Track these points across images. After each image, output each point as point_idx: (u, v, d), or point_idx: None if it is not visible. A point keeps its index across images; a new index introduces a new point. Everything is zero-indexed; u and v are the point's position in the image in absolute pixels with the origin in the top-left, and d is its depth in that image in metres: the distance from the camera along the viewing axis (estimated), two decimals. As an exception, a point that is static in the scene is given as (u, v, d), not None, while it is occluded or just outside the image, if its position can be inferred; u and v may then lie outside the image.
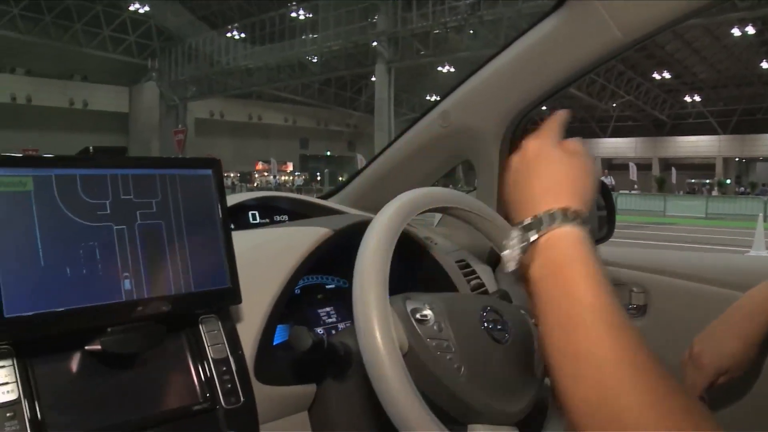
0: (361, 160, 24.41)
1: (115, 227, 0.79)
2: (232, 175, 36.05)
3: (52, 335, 0.75)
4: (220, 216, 0.89)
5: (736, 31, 29.10)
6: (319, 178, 39.85)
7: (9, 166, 0.73)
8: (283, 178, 38.79)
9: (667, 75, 36.61)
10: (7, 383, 0.73)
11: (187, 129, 24.46)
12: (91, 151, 0.81)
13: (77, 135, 29.09)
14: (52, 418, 0.75)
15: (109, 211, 0.79)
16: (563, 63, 1.35)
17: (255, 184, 35.65)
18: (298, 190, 28.29)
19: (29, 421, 0.72)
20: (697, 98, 39.39)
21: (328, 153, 44.66)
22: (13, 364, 0.74)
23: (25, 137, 28.06)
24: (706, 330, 1.14)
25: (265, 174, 37.90)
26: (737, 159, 40.69)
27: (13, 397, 0.72)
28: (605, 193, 1.89)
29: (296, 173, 41.81)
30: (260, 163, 39.11)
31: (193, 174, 0.88)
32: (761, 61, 32.98)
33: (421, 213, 0.94)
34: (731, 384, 1.12)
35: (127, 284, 0.79)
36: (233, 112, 37.54)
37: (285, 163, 40.86)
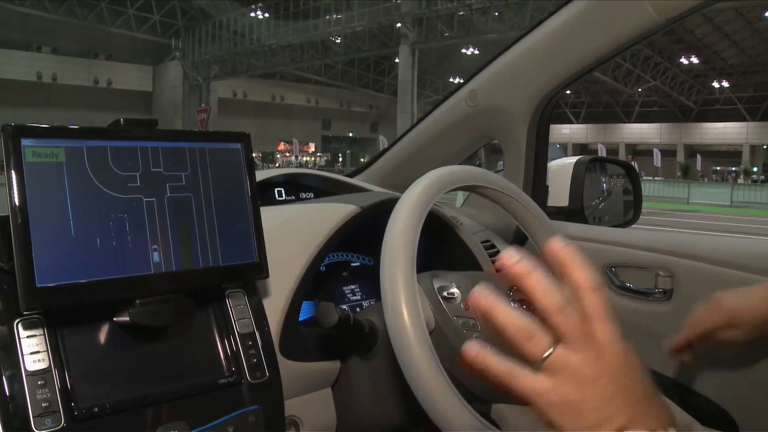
0: (383, 141, 24.36)
1: (145, 199, 0.79)
2: (254, 154, 36.02)
3: (81, 306, 0.75)
4: (249, 190, 0.89)
5: (768, 15, 28.54)
6: (341, 160, 39.88)
7: (42, 136, 0.73)
8: (305, 158, 38.85)
9: (695, 60, 36.01)
10: (38, 352, 0.73)
11: (210, 108, 24.50)
12: (122, 123, 0.81)
13: (101, 113, 29.26)
14: (81, 388, 0.75)
15: (139, 183, 0.79)
16: (594, 43, 1.33)
17: (277, 165, 35.73)
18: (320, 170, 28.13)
19: (60, 390, 0.73)
20: (726, 84, 38.70)
21: (351, 134, 44.66)
22: (44, 334, 0.74)
23: (50, 115, 28.38)
24: (735, 292, 1.14)
25: (287, 154, 38.00)
26: (766, 147, 40.00)
27: (44, 365, 0.73)
28: (633, 178, 1.88)
29: (318, 154, 41.85)
30: (282, 143, 39.21)
31: (223, 148, 0.88)
32: (794, 47, 32.34)
33: (450, 191, 0.93)
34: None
35: (155, 257, 0.79)
36: (256, 92, 37.61)
37: (307, 144, 40.91)
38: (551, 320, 0.55)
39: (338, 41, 30.43)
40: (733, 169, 38.23)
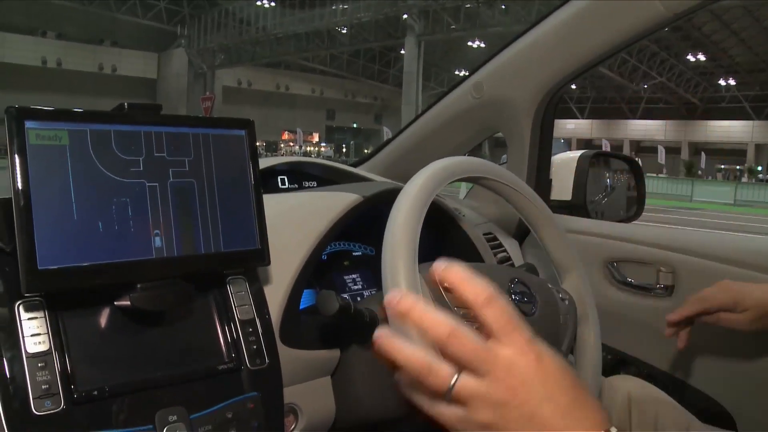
0: (387, 132, 24.32)
1: (148, 184, 0.79)
2: (258, 143, 36.10)
3: (82, 289, 0.75)
4: (252, 177, 0.89)
5: (777, 13, 28.39)
6: (344, 150, 39.87)
7: (45, 119, 0.73)
8: (308, 148, 38.83)
9: (701, 57, 35.88)
10: (38, 334, 0.73)
11: (214, 96, 24.48)
12: (126, 107, 0.81)
13: (105, 99, 29.17)
14: (81, 371, 0.75)
15: (142, 168, 0.79)
16: (601, 37, 1.32)
17: (281, 154, 35.71)
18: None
19: (59, 373, 0.73)
20: (732, 82, 38.59)
21: (355, 125, 44.61)
22: (45, 316, 0.74)
23: (54, 101, 28.33)
24: (743, 282, 1.15)
25: (291, 144, 37.98)
26: (771, 146, 39.91)
27: (44, 348, 0.73)
28: (637, 173, 1.88)
29: (322, 144, 41.83)
30: (287, 132, 39.19)
31: (227, 134, 0.88)
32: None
33: (453, 182, 0.93)
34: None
35: (157, 241, 0.79)
36: (261, 81, 37.58)
37: (311, 134, 40.92)
38: (447, 348, 0.53)
39: (344, 31, 30.39)
40: (738, 167, 38.13)
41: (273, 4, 31.62)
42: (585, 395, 0.53)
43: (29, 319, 0.73)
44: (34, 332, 0.73)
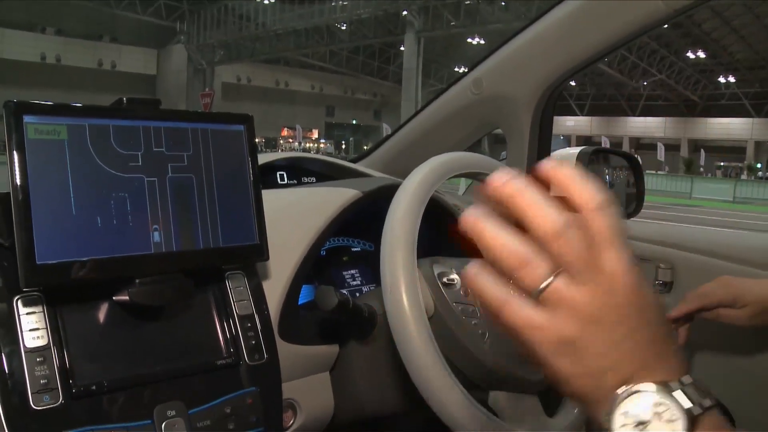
0: (387, 129, 24.34)
1: (146, 179, 0.79)
2: (257, 140, 36.04)
3: (81, 284, 0.75)
4: (251, 172, 0.89)
5: (778, 10, 28.33)
6: (344, 147, 39.85)
7: (44, 114, 0.73)
8: (308, 144, 38.79)
9: (702, 54, 35.82)
10: (37, 329, 0.74)
11: (214, 92, 24.48)
12: (124, 102, 0.81)
13: (105, 96, 29.01)
14: (79, 366, 0.76)
15: (140, 163, 0.79)
16: (601, 33, 1.32)
17: (280, 150, 35.67)
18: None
19: (58, 368, 0.74)
20: (732, 79, 38.54)
21: (354, 121, 44.58)
22: (43, 311, 0.75)
23: (54, 97, 28.11)
24: (743, 279, 1.16)
25: (291, 140, 37.96)
26: (770, 143, 39.90)
27: (42, 342, 0.73)
28: (636, 170, 1.87)
29: (321, 140, 41.80)
30: (286, 129, 39.15)
31: (226, 129, 0.88)
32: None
33: (452, 178, 0.93)
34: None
35: (156, 236, 0.79)
36: (260, 77, 37.52)
37: (310, 131, 40.86)
38: (550, 246, 0.46)
39: (343, 28, 30.34)
40: (738, 165, 38.11)
41: (272, 0, 31.59)
42: (669, 338, 0.48)
43: (28, 313, 0.73)
44: (32, 327, 0.73)
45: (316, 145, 40.16)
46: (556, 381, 0.48)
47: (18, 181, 0.70)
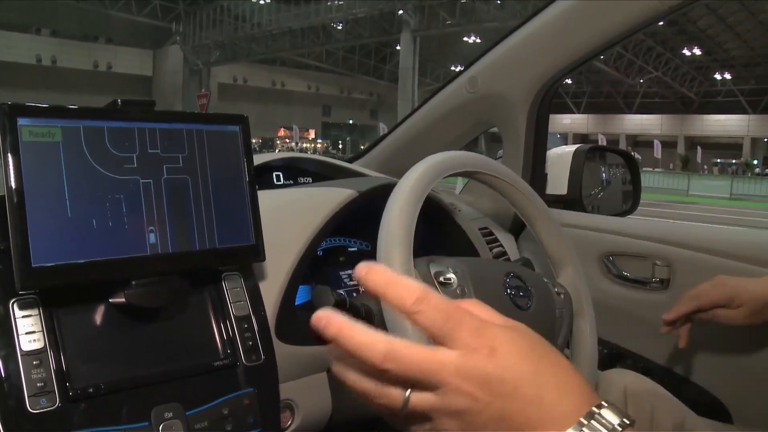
0: (383, 128, 24.33)
1: (142, 181, 0.79)
2: (254, 140, 36.00)
3: (77, 286, 0.75)
4: (247, 172, 0.89)
5: (772, 6, 28.32)
6: (340, 146, 39.84)
7: (38, 116, 0.73)
8: (304, 145, 38.77)
9: (697, 51, 35.87)
10: (33, 332, 0.73)
11: (210, 93, 24.42)
12: (119, 103, 0.81)
13: (101, 97, 28.61)
14: (76, 368, 0.75)
15: (135, 165, 0.79)
16: (596, 30, 1.32)
17: (277, 151, 35.67)
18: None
19: (54, 370, 0.73)
20: (728, 76, 38.59)
21: (351, 121, 44.58)
22: (39, 314, 0.74)
23: (49, 98, 28.16)
24: (739, 278, 1.16)
25: (287, 141, 37.94)
26: (766, 140, 39.88)
27: (39, 345, 0.73)
28: (632, 167, 1.88)
29: (318, 140, 41.79)
30: (282, 129, 39.14)
31: (221, 130, 0.87)
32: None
33: (448, 177, 0.93)
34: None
35: (152, 238, 0.79)
36: (256, 77, 37.52)
37: (307, 131, 40.83)
38: (385, 375, 0.47)
39: (339, 27, 30.32)
40: (734, 161, 38.15)
41: (268, 0, 31.55)
42: (560, 370, 0.47)
43: (24, 316, 0.73)
44: (28, 330, 0.73)
45: (313, 145, 40.14)
46: None
47: (13, 184, 0.69)
